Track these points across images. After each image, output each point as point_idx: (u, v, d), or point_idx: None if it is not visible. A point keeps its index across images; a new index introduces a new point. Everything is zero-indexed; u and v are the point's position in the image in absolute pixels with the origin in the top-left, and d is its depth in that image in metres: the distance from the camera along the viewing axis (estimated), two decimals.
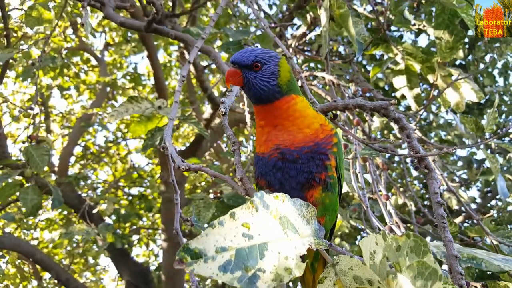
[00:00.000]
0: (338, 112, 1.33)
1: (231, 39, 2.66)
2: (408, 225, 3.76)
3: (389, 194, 2.02)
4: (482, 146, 2.34)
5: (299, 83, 1.69)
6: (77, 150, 9.68)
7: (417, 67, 3.02)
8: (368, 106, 1.20)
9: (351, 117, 2.57)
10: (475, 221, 2.49)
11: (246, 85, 1.37)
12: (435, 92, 3.03)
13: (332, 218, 1.41)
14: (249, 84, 1.36)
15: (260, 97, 1.37)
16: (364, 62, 6.56)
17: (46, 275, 9.25)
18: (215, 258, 0.79)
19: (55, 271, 6.09)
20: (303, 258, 1.43)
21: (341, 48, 6.29)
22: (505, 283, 1.21)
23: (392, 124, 1.26)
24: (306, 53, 4.36)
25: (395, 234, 0.79)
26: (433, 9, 3.61)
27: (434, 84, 2.88)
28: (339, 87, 2.34)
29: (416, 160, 1.18)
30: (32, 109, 3.52)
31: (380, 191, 2.15)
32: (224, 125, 1.29)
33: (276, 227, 0.90)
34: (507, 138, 7.14)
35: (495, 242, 1.75)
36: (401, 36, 4.26)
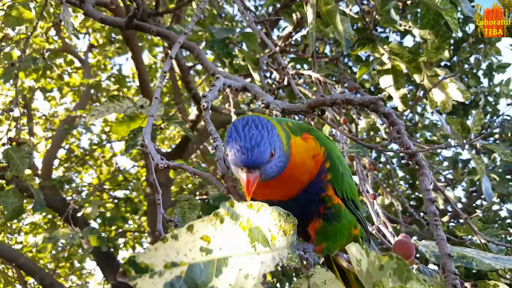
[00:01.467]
0: (326, 109, 1.29)
1: (216, 37, 2.61)
2: (395, 225, 3.76)
3: (376, 194, 2.00)
4: (467, 147, 2.33)
5: (285, 80, 1.64)
6: (62, 153, 9.52)
7: (403, 67, 3.02)
8: (356, 101, 1.16)
9: (337, 117, 2.55)
10: (461, 221, 2.48)
11: (260, 178, 1.10)
12: (422, 93, 3.03)
13: (335, 244, 1.24)
14: (265, 176, 1.10)
15: (269, 178, 1.13)
16: (350, 64, 6.58)
17: (31, 280, 9.06)
18: (163, 274, 0.72)
19: (39, 276, 5.94)
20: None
21: (327, 50, 6.30)
22: (494, 282, 1.18)
23: (381, 121, 1.23)
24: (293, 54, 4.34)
25: (377, 253, 0.74)
26: (419, 10, 3.62)
27: (421, 84, 2.88)
28: (326, 85, 2.31)
29: (406, 157, 1.15)
30: (11, 110, 3.42)
31: (367, 191, 2.13)
32: (206, 120, 1.24)
33: (243, 240, 0.82)
34: (491, 138, 7.24)
35: (483, 241, 1.73)
36: (387, 38, 4.28)
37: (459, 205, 7.50)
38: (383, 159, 7.78)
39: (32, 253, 9.73)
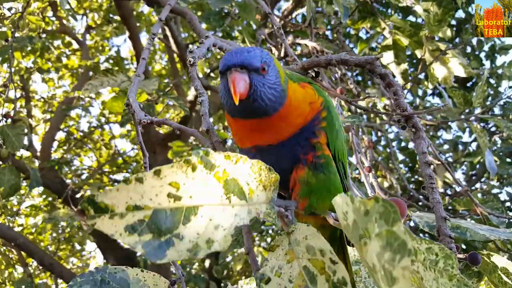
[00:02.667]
0: (320, 71, 1.24)
1: (212, 8, 2.53)
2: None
3: (371, 166, 1.95)
4: (472, 119, 2.29)
5: (282, 51, 1.58)
6: (61, 136, 9.50)
7: (405, 41, 2.95)
8: (352, 61, 1.11)
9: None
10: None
11: (250, 96, 1.05)
12: (422, 73, 2.97)
13: (324, 201, 1.15)
14: (255, 93, 1.05)
15: (263, 110, 1.08)
16: (351, 45, 6.48)
17: (33, 263, 9.14)
18: (124, 216, 0.68)
19: (39, 256, 5.97)
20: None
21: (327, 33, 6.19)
22: (488, 252, 1.15)
23: (378, 80, 1.18)
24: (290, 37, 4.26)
25: (362, 198, 0.68)
26: None
27: (422, 59, 2.82)
28: (323, 55, 2.25)
29: (403, 119, 1.11)
30: (6, 86, 3.36)
31: (362, 163, 2.08)
32: (192, 76, 1.19)
33: (217, 191, 0.77)
34: (492, 123, 7.18)
35: (484, 214, 1.69)
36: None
37: (459, 189, 7.48)
38: (383, 142, 7.74)
39: (32, 235, 9.80)
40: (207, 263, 8.32)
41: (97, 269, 1.01)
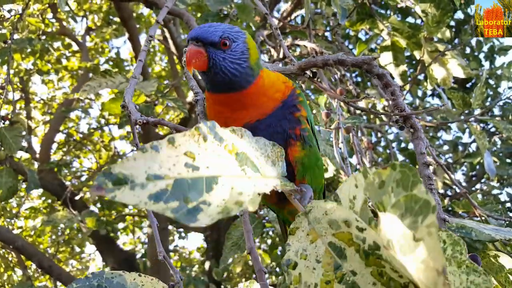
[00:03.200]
0: (318, 72, 1.24)
1: (210, 9, 2.52)
2: None
3: (371, 166, 1.95)
4: (471, 120, 2.28)
5: (281, 52, 1.58)
6: (61, 138, 9.48)
7: (403, 43, 2.94)
8: (349, 61, 1.11)
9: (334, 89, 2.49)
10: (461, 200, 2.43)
11: (211, 69, 1.12)
12: (422, 74, 2.96)
13: (317, 178, 1.25)
14: (215, 67, 1.12)
15: (229, 83, 1.14)
16: (351, 47, 6.48)
17: (32, 265, 9.13)
18: (145, 186, 0.66)
19: (37, 259, 5.95)
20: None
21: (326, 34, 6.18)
22: (495, 252, 1.14)
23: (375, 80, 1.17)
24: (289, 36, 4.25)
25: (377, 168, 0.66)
26: None
27: (421, 60, 2.81)
28: (321, 55, 2.24)
29: (401, 119, 1.10)
30: (3, 88, 3.35)
31: (362, 162, 2.07)
32: (187, 76, 1.19)
33: (231, 162, 0.77)
34: (491, 124, 7.18)
35: (483, 216, 1.69)
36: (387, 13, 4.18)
37: (458, 190, 7.47)
38: (383, 143, 7.73)
39: (31, 237, 9.78)
40: (207, 265, 8.30)
41: (94, 274, 1.00)
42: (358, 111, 3.29)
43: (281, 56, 2.51)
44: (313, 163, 1.22)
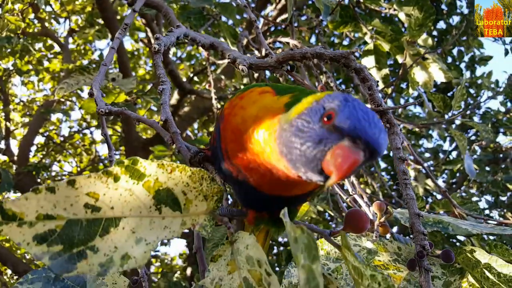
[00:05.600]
0: (296, 65, 1.21)
1: (192, 6, 2.48)
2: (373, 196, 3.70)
3: (357, 179, 1.93)
4: (452, 120, 2.29)
5: (263, 51, 1.54)
6: (40, 140, 9.30)
7: (386, 47, 2.96)
8: (327, 55, 1.08)
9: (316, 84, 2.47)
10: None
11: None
12: (404, 77, 2.98)
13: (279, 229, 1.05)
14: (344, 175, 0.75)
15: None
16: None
17: (8, 271, 8.86)
18: (34, 225, 0.64)
19: (12, 263, 5.77)
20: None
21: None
22: (471, 247, 1.12)
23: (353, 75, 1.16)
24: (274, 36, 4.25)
25: (292, 224, 0.65)
26: None
27: (403, 64, 2.82)
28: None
29: (377, 114, 1.08)
30: None
31: None
32: (156, 63, 1.14)
33: (144, 201, 0.72)
34: (472, 131, 7.31)
35: (462, 215, 1.69)
36: (370, 16, 4.22)
37: (439, 197, 7.58)
38: None
39: (8, 242, 9.52)
40: (188, 271, 8.19)
41: None
42: None
43: (263, 54, 2.50)
44: (274, 226, 1.03)
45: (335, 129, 0.74)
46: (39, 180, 7.79)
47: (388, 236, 1.31)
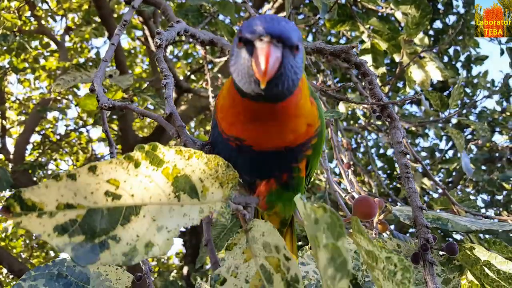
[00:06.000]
0: None
1: (190, 4, 2.48)
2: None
3: (350, 163, 1.94)
4: (449, 118, 2.30)
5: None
6: (37, 139, 9.25)
7: (383, 45, 2.97)
8: (328, 50, 1.09)
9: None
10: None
11: (274, 79, 0.83)
12: (401, 76, 2.99)
13: (286, 208, 1.11)
14: (281, 75, 0.85)
15: (276, 96, 0.90)
16: None
17: (4, 270, 8.82)
18: (54, 215, 0.62)
19: (7, 262, 5.74)
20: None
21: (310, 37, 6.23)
22: (471, 244, 1.13)
23: (353, 70, 1.16)
24: None
25: (313, 204, 0.65)
26: None
27: (400, 62, 2.84)
28: None
29: (378, 109, 1.08)
30: None
31: (341, 160, 2.07)
32: (158, 58, 1.14)
33: (164, 189, 0.71)
34: (468, 130, 7.35)
35: (461, 212, 1.69)
36: (367, 15, 4.23)
37: (436, 195, 7.61)
38: (362, 149, 7.81)
39: (4, 241, 9.48)
40: (185, 270, 8.18)
41: (54, 262, 0.94)
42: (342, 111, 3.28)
43: None
44: (288, 199, 1.08)
45: (243, 42, 0.85)
46: (35, 179, 7.75)
47: (387, 233, 1.32)
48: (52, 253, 9.86)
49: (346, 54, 1.08)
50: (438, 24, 7.29)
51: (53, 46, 8.81)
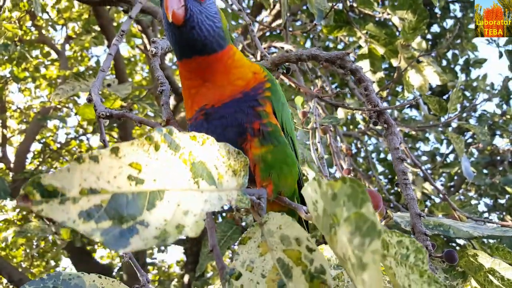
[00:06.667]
0: (291, 67, 1.21)
1: None
2: None
3: (350, 169, 1.94)
4: (449, 122, 2.29)
5: (259, 55, 1.55)
6: (37, 147, 9.27)
7: (380, 50, 2.97)
8: (323, 56, 1.09)
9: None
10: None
11: (187, 22, 1.01)
12: (400, 81, 3.00)
13: (286, 177, 1.11)
14: (192, 19, 1.01)
15: (201, 43, 1.04)
16: None
17: (3, 279, 8.79)
18: (77, 201, 0.58)
19: (7, 272, 5.71)
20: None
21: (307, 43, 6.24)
22: (474, 251, 1.12)
23: (349, 76, 1.15)
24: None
25: (330, 180, 0.63)
26: None
27: (398, 67, 2.84)
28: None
29: (374, 115, 1.08)
30: None
31: (341, 165, 2.06)
32: (154, 66, 1.14)
33: (184, 174, 0.69)
34: (468, 134, 7.34)
35: (462, 218, 1.68)
36: (364, 20, 4.25)
37: (437, 200, 7.58)
38: (363, 154, 7.80)
39: (4, 251, 9.45)
40: (186, 278, 8.14)
41: (49, 276, 0.92)
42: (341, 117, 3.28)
43: (258, 58, 2.51)
44: (280, 160, 1.10)
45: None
46: None
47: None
48: (52, 263, 9.83)
49: (341, 60, 1.08)
50: (436, 28, 7.31)
51: (54, 55, 8.85)
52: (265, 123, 1.09)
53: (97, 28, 7.29)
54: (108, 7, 5.68)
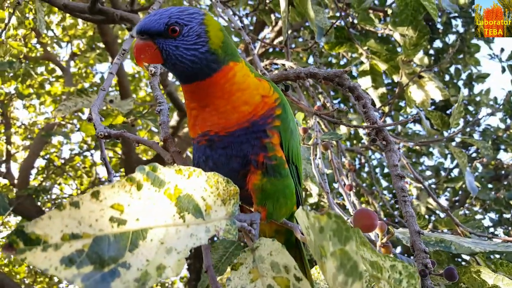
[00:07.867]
0: (291, 84, 1.22)
1: None
2: None
3: (352, 184, 1.93)
4: (451, 137, 2.28)
5: (250, 58, 1.56)
6: (41, 163, 9.31)
7: (382, 66, 2.99)
8: (321, 75, 1.09)
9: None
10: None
11: (167, 61, 1.03)
12: (402, 96, 3.00)
13: (281, 207, 1.10)
14: (170, 58, 1.02)
15: (191, 73, 1.04)
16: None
17: None
18: (59, 247, 0.59)
19: None
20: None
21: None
22: (477, 268, 1.10)
23: (347, 93, 1.16)
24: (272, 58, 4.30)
25: (316, 213, 0.64)
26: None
27: (399, 83, 2.85)
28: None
29: (373, 132, 1.08)
30: None
31: (343, 181, 2.05)
32: (153, 85, 1.15)
33: (168, 210, 0.70)
34: (472, 149, 7.30)
35: (466, 233, 1.66)
36: (365, 36, 4.28)
37: (442, 215, 7.51)
38: (366, 168, 7.76)
39: (8, 267, 9.42)
40: None
41: None
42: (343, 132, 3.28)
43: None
44: (278, 191, 1.09)
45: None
46: (39, 203, 7.75)
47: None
48: (56, 279, 9.77)
49: (339, 78, 1.09)
50: (438, 44, 7.35)
51: (59, 72, 8.95)
52: (270, 156, 1.07)
53: (101, 45, 7.39)
54: (112, 25, 5.76)
